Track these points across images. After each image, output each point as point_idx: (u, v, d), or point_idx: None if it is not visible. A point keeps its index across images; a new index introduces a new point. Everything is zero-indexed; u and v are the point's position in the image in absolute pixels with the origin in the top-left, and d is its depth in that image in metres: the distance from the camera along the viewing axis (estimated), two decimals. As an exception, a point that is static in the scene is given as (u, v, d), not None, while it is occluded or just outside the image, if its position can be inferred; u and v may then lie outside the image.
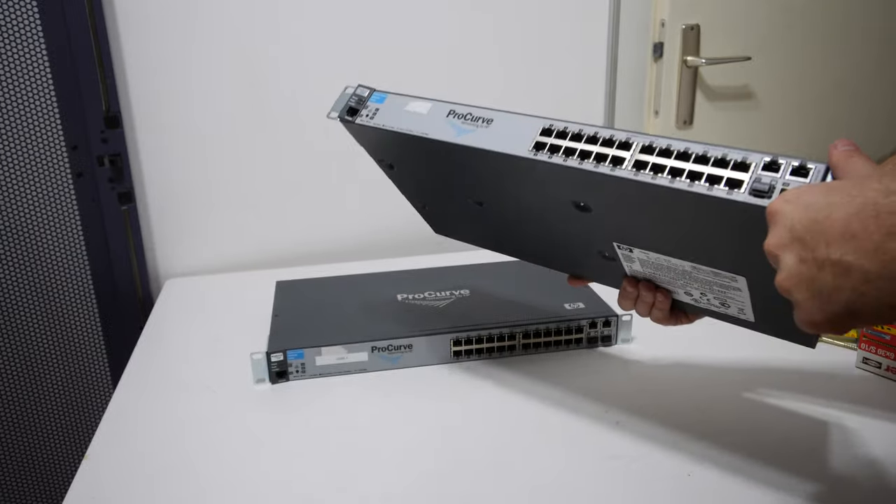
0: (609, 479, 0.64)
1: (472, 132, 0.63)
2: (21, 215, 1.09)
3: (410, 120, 0.66)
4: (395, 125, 0.67)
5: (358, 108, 0.69)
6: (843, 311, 0.41)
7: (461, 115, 0.65)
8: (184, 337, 0.95)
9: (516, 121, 0.62)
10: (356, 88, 0.70)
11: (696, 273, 0.61)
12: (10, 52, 1.01)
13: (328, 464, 0.67)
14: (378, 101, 0.69)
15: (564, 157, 0.58)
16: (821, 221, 0.41)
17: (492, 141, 0.62)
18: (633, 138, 0.56)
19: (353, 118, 0.69)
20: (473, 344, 0.84)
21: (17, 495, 1.22)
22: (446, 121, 0.65)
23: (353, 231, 1.25)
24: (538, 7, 1.20)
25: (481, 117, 0.64)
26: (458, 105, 0.65)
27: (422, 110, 0.67)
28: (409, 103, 0.68)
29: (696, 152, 0.53)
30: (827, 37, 1.30)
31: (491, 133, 0.62)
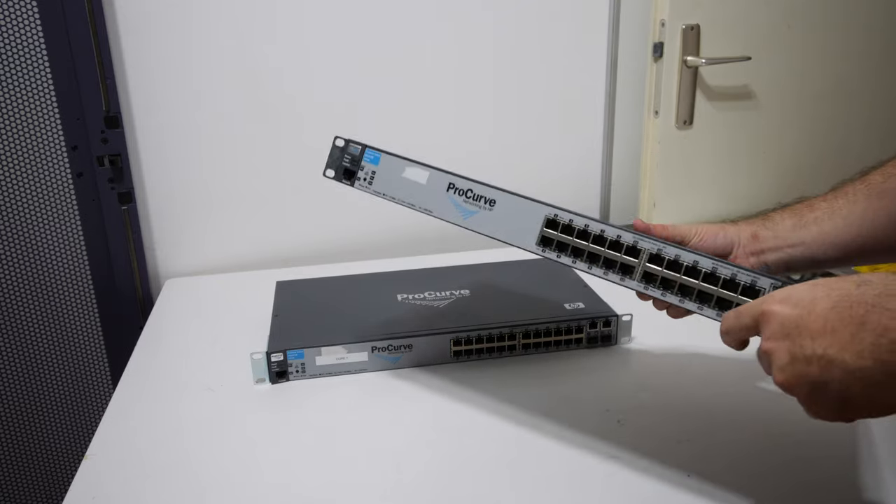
0: (609, 479, 0.64)
1: (476, 214, 0.65)
2: (21, 215, 1.09)
3: (410, 190, 0.67)
4: (396, 195, 0.68)
5: (354, 169, 0.70)
6: (838, 403, 0.44)
7: (462, 191, 0.65)
8: (184, 337, 0.95)
9: (519, 205, 0.63)
10: (346, 145, 0.70)
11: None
12: (10, 52, 1.01)
13: (328, 464, 0.67)
14: (373, 162, 0.69)
15: (573, 259, 0.61)
16: (804, 317, 0.44)
17: (498, 227, 0.64)
18: (640, 243, 0.59)
19: (350, 182, 0.70)
20: (473, 344, 0.84)
21: (17, 495, 1.22)
22: (447, 196, 0.66)
23: (353, 231, 1.25)
24: (538, 7, 1.20)
25: (483, 196, 0.64)
26: (457, 178, 0.65)
27: (420, 180, 0.67)
28: (406, 169, 0.68)
29: (705, 269, 0.56)
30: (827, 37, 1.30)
31: (496, 218, 0.64)
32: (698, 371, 0.81)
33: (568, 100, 1.28)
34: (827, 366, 0.43)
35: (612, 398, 0.76)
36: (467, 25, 1.19)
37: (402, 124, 1.21)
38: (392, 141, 1.25)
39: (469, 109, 1.24)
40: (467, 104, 1.24)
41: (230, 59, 1.12)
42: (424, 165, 0.67)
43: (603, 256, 0.60)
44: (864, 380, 0.42)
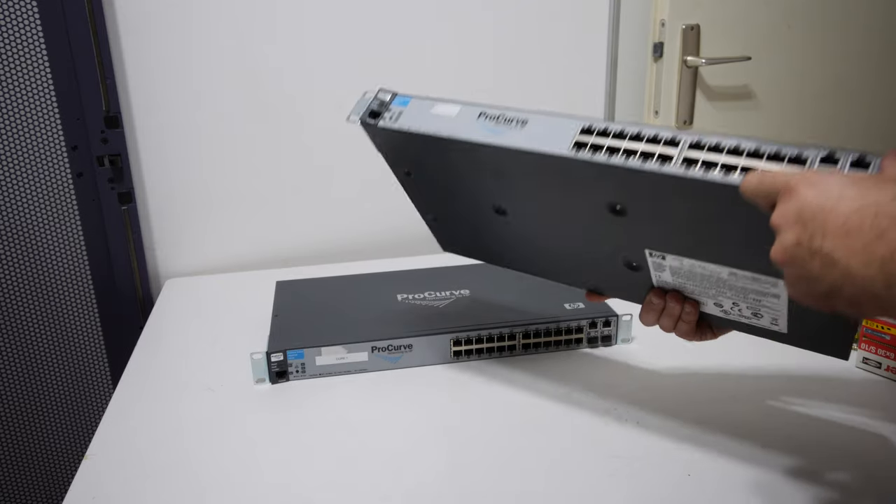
0: (609, 479, 0.64)
1: (505, 133, 0.60)
2: (21, 215, 1.09)
3: (438, 122, 0.64)
4: (422, 128, 0.64)
5: (380, 111, 0.67)
6: (822, 297, 0.45)
7: (493, 116, 0.62)
8: (184, 337, 0.95)
9: (552, 121, 0.59)
10: (377, 92, 0.67)
11: (733, 280, 0.59)
12: (10, 52, 1.01)
13: (328, 464, 0.67)
14: (401, 105, 0.66)
15: (608, 155, 0.55)
16: (826, 211, 0.43)
17: (529, 141, 0.59)
18: (679, 136, 0.54)
19: (374, 121, 0.67)
20: (473, 344, 0.84)
21: (17, 495, 1.22)
22: (478, 123, 0.62)
23: (353, 231, 1.25)
24: (538, 7, 1.20)
25: (515, 118, 0.61)
26: (489, 107, 0.63)
27: (450, 113, 0.64)
28: (436, 106, 0.65)
29: (747, 148, 0.51)
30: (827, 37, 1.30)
31: (527, 134, 0.59)
32: (698, 371, 0.81)
33: (568, 100, 1.28)
34: (829, 265, 0.43)
35: (612, 398, 0.76)
36: (467, 25, 1.19)
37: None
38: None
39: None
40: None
41: (230, 59, 1.12)
42: (456, 101, 0.64)
43: (640, 150, 0.54)
44: (862, 287, 0.42)
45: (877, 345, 0.79)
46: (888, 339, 0.78)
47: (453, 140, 0.62)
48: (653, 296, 0.66)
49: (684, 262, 0.61)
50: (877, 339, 0.79)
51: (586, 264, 0.70)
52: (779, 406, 0.75)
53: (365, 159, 1.22)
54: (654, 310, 0.66)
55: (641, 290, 0.67)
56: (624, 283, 0.68)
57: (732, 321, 0.64)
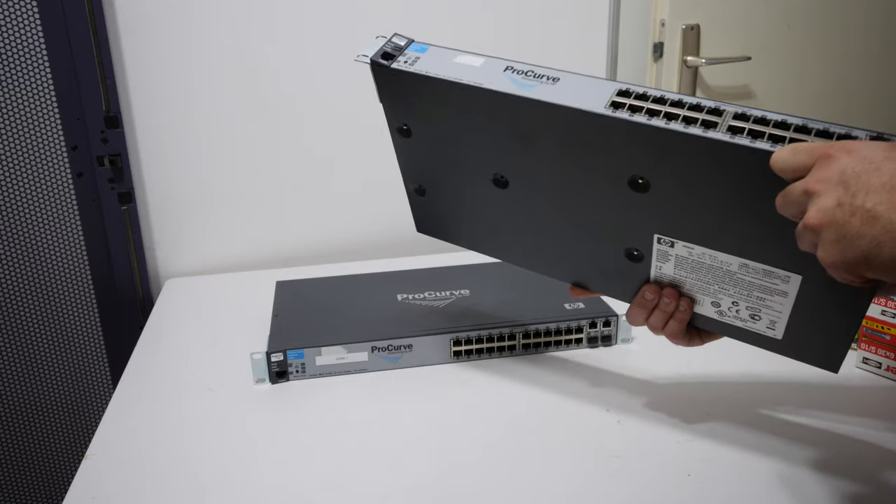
0: (609, 479, 0.64)
1: (536, 87, 0.57)
2: (21, 215, 1.09)
3: (461, 71, 0.59)
4: (442, 73, 0.59)
5: (394, 54, 0.62)
6: (860, 257, 0.44)
7: (521, 71, 0.58)
8: (184, 337, 0.95)
9: (585, 81, 0.56)
10: (392, 36, 0.63)
11: (742, 274, 0.57)
12: (10, 52, 1.01)
13: (328, 464, 0.67)
14: (419, 51, 0.62)
15: (648, 116, 0.52)
16: (869, 172, 0.44)
17: (563, 97, 0.55)
18: (722, 106, 0.52)
19: (388, 62, 0.62)
20: (473, 344, 0.84)
21: (17, 495, 1.22)
22: (504, 75, 0.58)
23: (353, 231, 1.25)
24: (538, 7, 1.20)
25: (545, 75, 0.57)
26: (516, 62, 0.59)
27: (474, 63, 0.60)
28: (458, 56, 0.60)
29: (794, 123, 0.50)
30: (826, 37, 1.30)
31: (559, 90, 0.56)
32: (698, 371, 0.81)
33: (568, 100, 1.27)
34: (870, 220, 0.43)
35: (612, 398, 0.76)
36: (467, 25, 1.19)
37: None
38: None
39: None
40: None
41: (230, 59, 1.12)
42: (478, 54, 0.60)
43: (682, 115, 0.52)
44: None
45: (877, 345, 0.79)
46: (888, 339, 0.78)
47: (478, 89, 0.58)
48: (647, 290, 0.64)
49: (694, 251, 0.59)
50: (877, 339, 0.79)
51: (579, 252, 0.67)
52: (778, 406, 0.75)
53: (365, 159, 1.22)
54: (647, 306, 0.64)
55: (633, 284, 0.65)
56: (616, 275, 0.66)
57: (726, 324, 0.63)
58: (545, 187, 0.64)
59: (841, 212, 0.44)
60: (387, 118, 0.69)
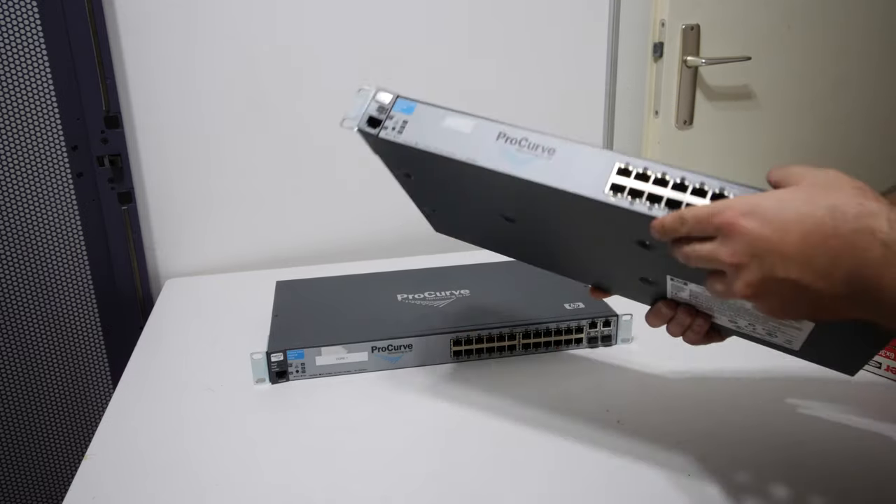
0: (609, 479, 0.64)
1: (531, 162, 0.54)
2: (21, 215, 1.09)
3: (451, 140, 0.56)
4: (433, 146, 0.56)
5: (380, 118, 0.58)
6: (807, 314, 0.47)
7: (515, 140, 0.55)
8: (184, 337, 0.95)
9: (584, 153, 0.53)
10: (374, 93, 0.59)
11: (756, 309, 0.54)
12: (10, 52, 1.01)
13: (328, 464, 0.67)
14: (406, 112, 0.58)
15: (649, 204, 0.50)
16: (777, 242, 0.44)
17: (559, 178, 0.53)
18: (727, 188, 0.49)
19: (375, 130, 0.58)
20: (473, 344, 0.84)
21: (17, 495, 1.22)
22: (497, 145, 0.55)
23: (353, 231, 1.25)
24: (538, 7, 1.20)
25: (540, 145, 0.54)
26: (508, 126, 0.56)
27: (464, 129, 0.56)
28: (447, 118, 0.57)
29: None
30: (827, 37, 1.30)
31: (555, 166, 0.53)
32: (698, 371, 0.81)
33: (568, 100, 1.28)
34: (801, 290, 0.44)
35: (612, 398, 0.76)
36: (467, 25, 1.19)
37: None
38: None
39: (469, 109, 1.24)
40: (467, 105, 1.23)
41: (230, 58, 1.12)
42: (468, 114, 0.57)
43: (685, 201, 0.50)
44: (834, 300, 0.44)
45: (877, 345, 0.79)
46: (888, 339, 0.78)
47: (471, 166, 0.55)
48: (663, 305, 0.63)
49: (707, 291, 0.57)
50: (877, 339, 0.79)
51: (595, 269, 0.67)
52: (778, 406, 0.75)
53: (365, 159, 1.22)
54: (662, 318, 0.64)
55: (653, 296, 0.64)
56: (634, 289, 0.65)
57: (744, 334, 0.63)
58: (553, 233, 0.63)
59: (771, 285, 0.45)
60: (385, 166, 0.67)
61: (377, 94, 0.59)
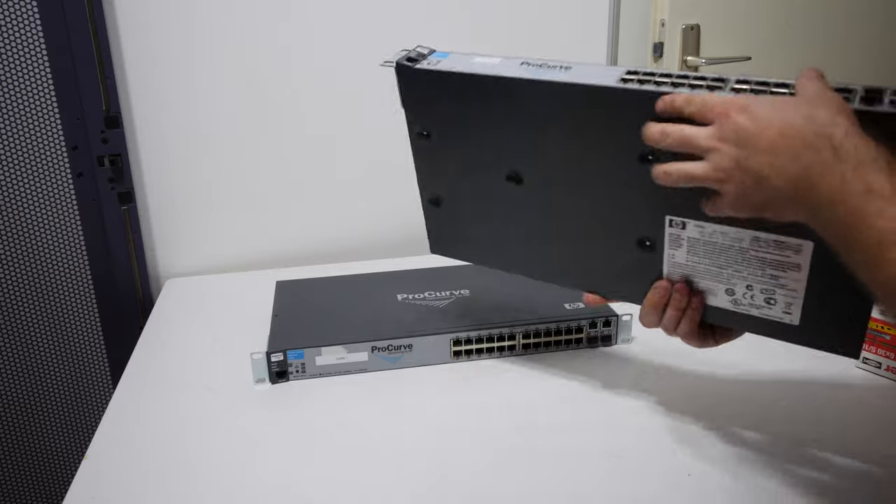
0: (609, 479, 0.64)
1: (551, 73, 0.64)
2: (21, 215, 1.09)
3: (481, 67, 0.66)
4: (465, 69, 0.67)
5: (418, 59, 0.69)
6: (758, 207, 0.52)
7: (535, 63, 0.65)
8: (184, 337, 0.95)
9: (595, 67, 0.63)
10: (416, 47, 0.70)
11: (754, 249, 0.60)
12: (10, 52, 1.01)
13: (328, 464, 0.67)
14: (441, 56, 0.70)
15: (656, 85, 0.58)
16: (757, 135, 0.50)
17: (575, 77, 0.62)
18: (725, 75, 0.57)
19: (413, 63, 0.69)
20: (473, 344, 0.84)
21: (17, 495, 1.22)
22: (521, 67, 0.65)
23: (353, 231, 1.25)
24: (538, 7, 1.20)
25: (558, 65, 0.64)
26: (529, 58, 0.66)
27: (493, 61, 0.67)
28: (477, 57, 0.68)
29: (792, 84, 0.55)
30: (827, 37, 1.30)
31: (572, 74, 0.63)
32: (698, 371, 0.81)
33: (568, 100, 1.27)
34: (759, 182, 0.50)
35: (613, 398, 0.76)
36: (467, 26, 1.19)
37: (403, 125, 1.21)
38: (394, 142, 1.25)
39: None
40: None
41: (230, 58, 1.12)
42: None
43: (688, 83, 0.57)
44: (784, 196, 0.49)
45: (877, 345, 0.79)
46: (888, 338, 0.78)
47: (498, 78, 0.65)
48: (659, 285, 0.66)
49: (705, 230, 0.61)
50: (877, 339, 0.79)
51: (592, 253, 0.70)
52: (778, 406, 0.75)
53: (365, 159, 1.22)
54: (658, 304, 0.65)
55: (646, 281, 0.67)
56: (629, 274, 0.68)
57: (741, 315, 0.64)
58: (559, 178, 0.68)
59: (737, 173, 0.51)
60: (408, 124, 0.74)
61: (417, 47, 0.70)
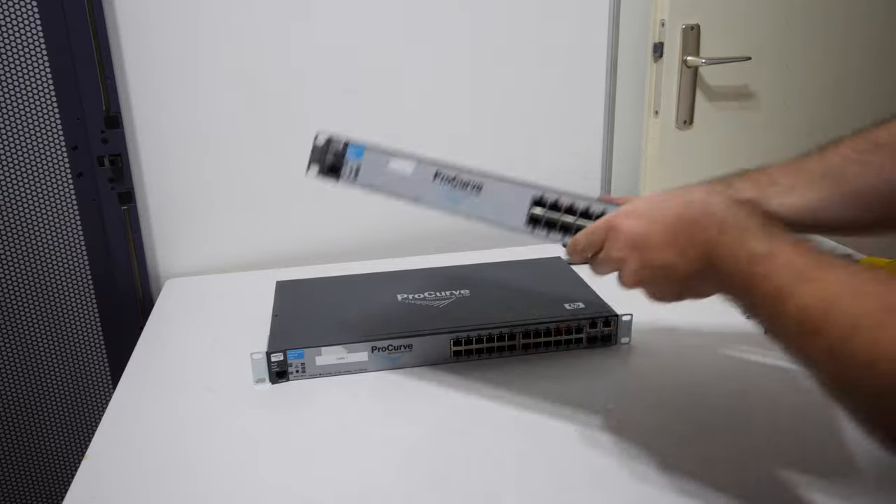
0: (609, 479, 0.64)
1: (465, 201, 0.67)
2: (21, 215, 1.09)
3: (397, 182, 0.68)
4: (382, 188, 0.68)
5: (338, 165, 0.70)
6: (678, 294, 0.57)
7: (448, 178, 0.67)
8: (184, 337, 0.95)
9: (505, 189, 0.66)
10: (329, 142, 0.69)
11: None
12: (10, 52, 1.01)
13: (328, 464, 0.67)
14: (357, 156, 0.69)
15: (562, 234, 0.64)
16: (647, 233, 0.56)
17: (486, 210, 0.67)
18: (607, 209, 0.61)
19: (335, 177, 0.70)
20: (473, 344, 0.84)
21: (17, 495, 1.22)
22: (434, 185, 0.67)
23: (353, 231, 1.25)
24: (538, 7, 1.20)
25: (470, 183, 0.67)
26: (442, 166, 0.67)
27: (406, 171, 0.68)
28: (391, 162, 0.68)
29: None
30: (827, 37, 1.30)
31: (483, 198, 0.67)
32: (698, 371, 0.81)
33: (568, 100, 1.28)
34: (670, 271, 0.55)
35: (612, 398, 0.76)
36: (468, 26, 1.19)
37: (404, 125, 1.21)
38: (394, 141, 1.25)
39: (469, 111, 1.24)
40: (468, 106, 1.24)
41: (230, 58, 1.12)
42: (409, 156, 0.68)
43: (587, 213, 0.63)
44: (694, 277, 0.54)
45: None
46: None
47: (418, 203, 0.69)
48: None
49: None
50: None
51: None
52: (779, 405, 0.75)
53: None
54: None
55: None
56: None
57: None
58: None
59: (647, 271, 0.56)
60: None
61: (331, 144, 0.70)
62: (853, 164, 0.64)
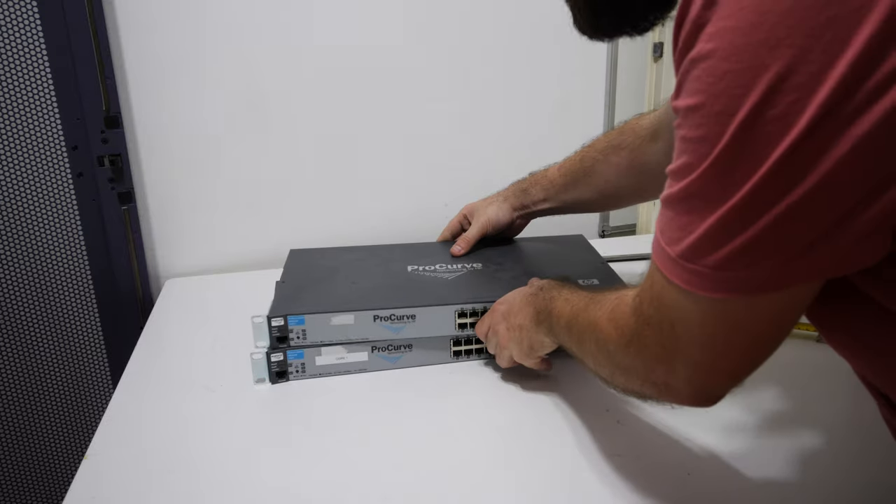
0: (609, 479, 0.64)
1: (403, 328, 0.81)
2: (21, 215, 1.09)
3: (342, 332, 0.80)
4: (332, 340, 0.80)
5: (285, 335, 0.79)
6: (528, 351, 0.75)
7: (386, 318, 0.80)
8: (184, 337, 0.95)
9: (434, 314, 0.82)
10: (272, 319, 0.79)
11: None
12: (10, 52, 1.01)
13: (327, 464, 0.67)
14: (300, 324, 0.79)
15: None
16: (510, 308, 0.77)
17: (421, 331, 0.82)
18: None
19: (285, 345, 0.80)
20: (473, 344, 0.84)
21: (17, 495, 1.22)
22: (375, 325, 0.80)
23: (353, 231, 1.25)
24: (538, 7, 1.20)
25: (404, 315, 0.81)
26: (379, 310, 0.80)
27: (349, 321, 0.80)
28: (332, 318, 0.79)
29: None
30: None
31: (419, 327, 0.82)
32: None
33: (568, 100, 1.28)
34: (522, 330, 0.74)
35: (612, 398, 0.76)
36: (468, 27, 1.19)
37: (404, 125, 1.21)
38: (393, 141, 1.26)
39: (469, 111, 1.24)
40: (468, 106, 1.24)
41: (230, 58, 1.12)
42: (346, 311, 0.79)
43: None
44: (535, 335, 0.73)
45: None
46: (888, 339, 0.78)
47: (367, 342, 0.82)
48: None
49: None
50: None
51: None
52: (778, 405, 0.75)
53: (365, 160, 1.22)
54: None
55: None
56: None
57: None
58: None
59: (513, 332, 0.75)
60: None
61: (273, 319, 0.79)
62: (600, 164, 0.91)
